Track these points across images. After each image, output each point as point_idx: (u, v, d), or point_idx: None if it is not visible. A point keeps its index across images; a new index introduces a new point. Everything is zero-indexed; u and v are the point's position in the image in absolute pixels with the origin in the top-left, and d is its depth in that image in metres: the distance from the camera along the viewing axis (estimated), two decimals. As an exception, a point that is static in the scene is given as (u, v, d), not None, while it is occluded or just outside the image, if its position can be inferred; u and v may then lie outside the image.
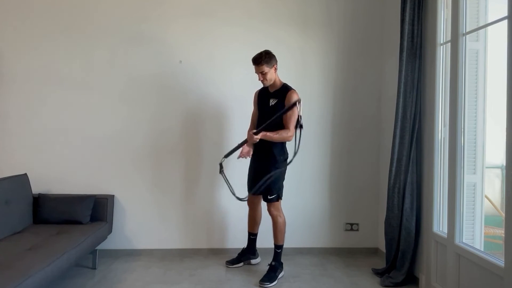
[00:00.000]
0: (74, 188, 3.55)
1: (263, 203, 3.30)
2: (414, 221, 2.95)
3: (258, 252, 3.48)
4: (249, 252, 3.43)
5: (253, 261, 3.43)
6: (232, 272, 3.28)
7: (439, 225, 2.83)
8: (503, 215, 2.11)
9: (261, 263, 3.42)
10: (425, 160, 2.96)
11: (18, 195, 3.12)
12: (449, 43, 2.70)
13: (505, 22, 2.13)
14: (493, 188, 3.15)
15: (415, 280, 3.04)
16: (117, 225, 3.61)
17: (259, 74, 3.06)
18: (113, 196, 3.57)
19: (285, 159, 3.14)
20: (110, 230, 3.48)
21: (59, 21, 3.58)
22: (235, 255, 3.46)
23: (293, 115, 2.99)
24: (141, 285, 2.99)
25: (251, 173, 3.27)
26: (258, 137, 2.97)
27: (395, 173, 3.09)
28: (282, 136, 3.00)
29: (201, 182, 3.70)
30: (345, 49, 3.77)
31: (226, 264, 3.41)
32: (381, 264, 3.43)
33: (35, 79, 3.57)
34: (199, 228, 3.71)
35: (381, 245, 3.57)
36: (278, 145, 3.09)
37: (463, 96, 2.55)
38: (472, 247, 2.46)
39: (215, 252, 3.69)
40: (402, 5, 3.04)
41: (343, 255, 3.73)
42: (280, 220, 3.15)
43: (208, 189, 3.70)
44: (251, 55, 3.05)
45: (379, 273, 3.21)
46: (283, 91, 3.09)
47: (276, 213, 3.14)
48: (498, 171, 2.98)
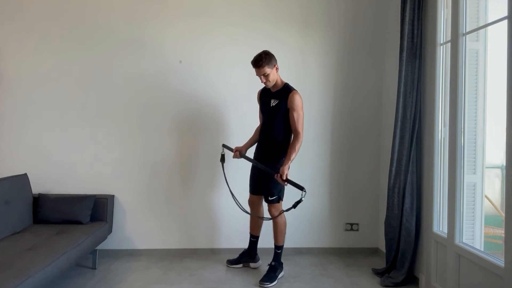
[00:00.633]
0: (74, 188, 3.56)
1: (264, 204, 3.29)
2: (414, 221, 2.95)
3: (259, 256, 3.41)
4: (249, 255, 3.39)
5: (252, 265, 3.37)
6: (232, 272, 3.28)
7: (439, 225, 2.83)
8: (503, 215, 2.11)
9: (261, 263, 3.41)
10: (425, 160, 2.96)
11: (18, 195, 3.12)
12: (449, 43, 2.70)
13: (505, 22, 2.13)
14: (493, 188, 3.15)
15: (415, 280, 3.04)
16: (117, 225, 3.61)
17: (261, 77, 2.98)
18: (113, 196, 3.57)
19: None
20: (110, 230, 3.48)
21: (59, 22, 3.58)
22: (235, 255, 3.46)
23: (300, 117, 2.99)
24: (141, 285, 2.99)
25: (253, 173, 3.27)
26: (287, 172, 2.86)
27: (395, 173, 3.09)
28: (296, 148, 2.94)
29: (201, 182, 3.70)
30: (345, 49, 3.77)
31: (227, 263, 3.41)
32: (381, 264, 3.43)
33: (35, 79, 3.57)
34: (199, 228, 3.71)
35: (381, 245, 3.57)
36: (281, 146, 3.07)
37: (463, 96, 2.55)
38: (472, 247, 2.46)
39: (215, 252, 3.69)
40: (402, 5, 3.04)
41: (343, 255, 3.73)
42: (280, 221, 3.14)
43: (208, 189, 3.71)
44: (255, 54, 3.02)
45: (379, 273, 3.21)
46: (285, 92, 3.04)
47: (276, 214, 3.12)
48: (498, 171, 2.98)
